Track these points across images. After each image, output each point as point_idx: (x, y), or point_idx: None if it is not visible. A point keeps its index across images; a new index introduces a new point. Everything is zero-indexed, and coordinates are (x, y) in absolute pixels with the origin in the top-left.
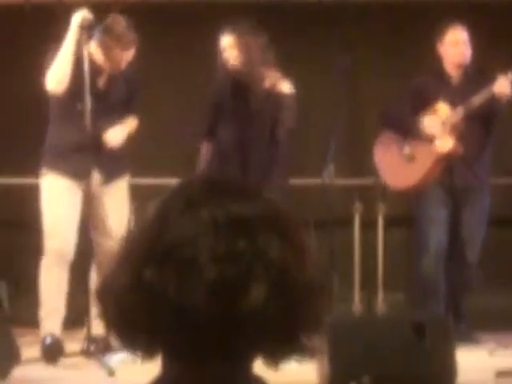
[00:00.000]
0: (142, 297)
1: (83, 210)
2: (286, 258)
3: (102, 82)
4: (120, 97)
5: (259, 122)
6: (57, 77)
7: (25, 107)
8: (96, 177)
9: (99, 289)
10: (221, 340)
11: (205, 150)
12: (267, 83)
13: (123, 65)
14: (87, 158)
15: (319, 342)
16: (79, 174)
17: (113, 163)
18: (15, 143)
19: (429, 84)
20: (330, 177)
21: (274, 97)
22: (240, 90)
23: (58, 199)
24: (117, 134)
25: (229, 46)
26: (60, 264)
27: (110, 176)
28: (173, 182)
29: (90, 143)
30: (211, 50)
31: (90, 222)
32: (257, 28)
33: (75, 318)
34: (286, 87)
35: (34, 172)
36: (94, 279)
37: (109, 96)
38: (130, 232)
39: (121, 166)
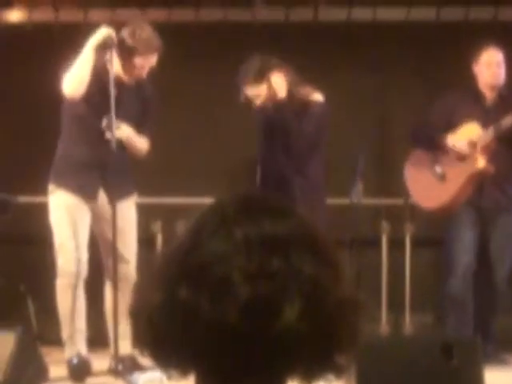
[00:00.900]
0: (176, 315)
1: (92, 228)
2: (319, 276)
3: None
4: (130, 112)
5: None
6: (74, 82)
7: (40, 126)
8: (102, 196)
9: (131, 307)
10: (254, 359)
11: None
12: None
13: (146, 71)
14: (94, 176)
15: (347, 362)
16: (86, 192)
17: (119, 182)
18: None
19: (461, 103)
20: (358, 196)
21: (304, 109)
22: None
23: (66, 217)
24: (125, 129)
25: (257, 96)
26: (74, 283)
27: (116, 195)
28: (201, 200)
29: (103, 161)
30: (228, 71)
31: (99, 244)
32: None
33: (98, 337)
34: (317, 96)
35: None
36: (108, 299)
37: (118, 108)
38: (162, 250)
39: (127, 185)
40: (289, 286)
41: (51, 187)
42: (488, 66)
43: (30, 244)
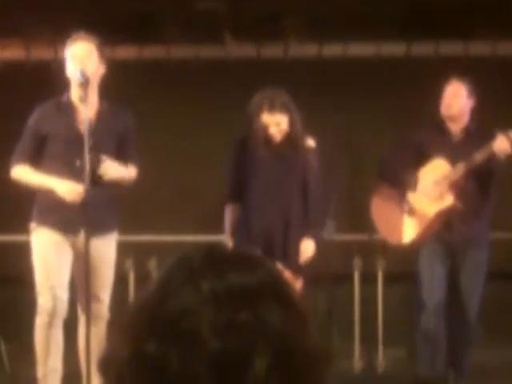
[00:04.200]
0: (145, 370)
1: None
2: (287, 328)
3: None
4: (109, 141)
5: (290, 182)
6: (21, 184)
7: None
8: (82, 232)
9: (100, 361)
10: None
11: (230, 212)
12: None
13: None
14: (76, 213)
15: None
16: (69, 228)
17: (98, 218)
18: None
19: (428, 139)
20: (330, 232)
21: (302, 153)
22: (275, 150)
23: (48, 255)
24: (112, 168)
25: (276, 124)
26: (54, 322)
27: (96, 231)
28: (173, 238)
29: (84, 197)
30: (200, 107)
31: (75, 281)
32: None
33: (72, 375)
34: (310, 141)
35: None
36: (82, 337)
37: (95, 141)
38: (129, 299)
39: (107, 222)
40: (257, 338)
41: (33, 225)
42: (444, 96)
43: (3, 283)
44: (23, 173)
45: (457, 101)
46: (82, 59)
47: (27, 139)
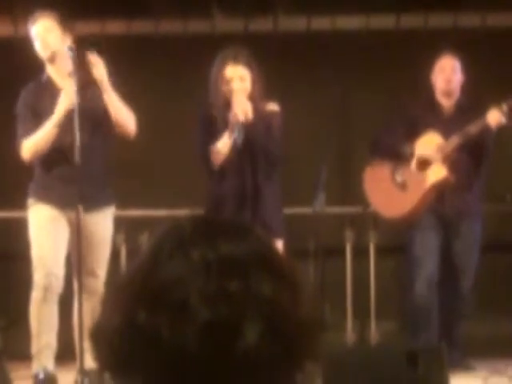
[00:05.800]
0: (135, 338)
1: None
2: (278, 296)
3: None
4: (98, 112)
5: (255, 145)
6: (36, 150)
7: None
8: (80, 207)
9: (92, 330)
10: (215, 381)
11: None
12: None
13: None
14: (72, 188)
15: (312, 372)
16: (65, 205)
17: (96, 192)
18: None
19: (421, 113)
20: (321, 205)
21: (266, 118)
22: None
23: (44, 231)
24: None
25: (240, 78)
26: (49, 298)
27: (92, 206)
28: (164, 212)
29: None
30: (187, 82)
31: (71, 256)
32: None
33: (66, 350)
34: (273, 106)
35: (24, 205)
36: (77, 313)
37: (84, 113)
38: (121, 272)
39: (103, 196)
40: (248, 307)
41: (30, 201)
42: (441, 71)
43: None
44: (29, 142)
45: (455, 75)
46: (43, 37)
47: (27, 119)
